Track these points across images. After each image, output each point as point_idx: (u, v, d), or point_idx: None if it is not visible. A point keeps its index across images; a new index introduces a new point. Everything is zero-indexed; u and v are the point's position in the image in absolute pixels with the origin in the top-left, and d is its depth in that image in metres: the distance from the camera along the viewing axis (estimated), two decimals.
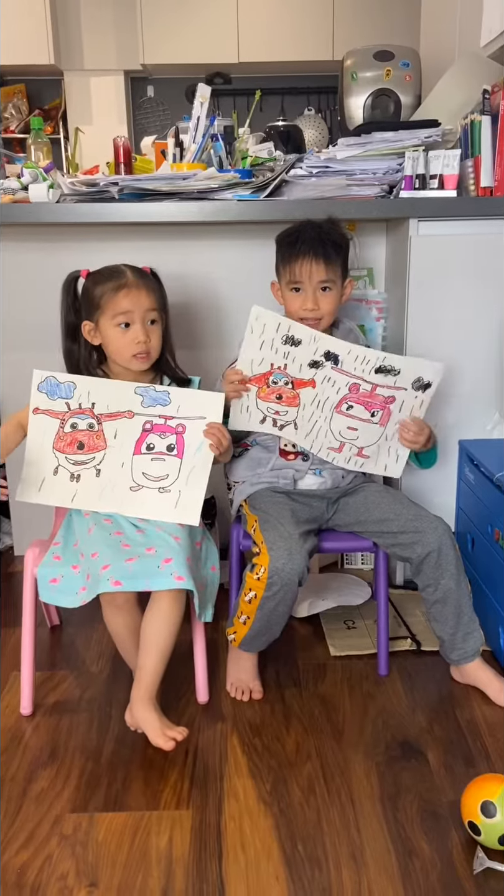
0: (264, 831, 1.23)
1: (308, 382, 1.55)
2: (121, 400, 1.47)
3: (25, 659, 1.54)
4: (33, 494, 1.49)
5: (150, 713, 1.37)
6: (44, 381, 1.46)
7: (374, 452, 1.61)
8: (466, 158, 1.85)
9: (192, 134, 2.01)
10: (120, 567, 1.37)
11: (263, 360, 1.55)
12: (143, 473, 1.49)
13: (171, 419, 1.48)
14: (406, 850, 1.19)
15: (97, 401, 1.47)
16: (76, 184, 1.88)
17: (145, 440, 1.48)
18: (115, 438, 1.48)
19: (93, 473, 1.49)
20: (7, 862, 1.18)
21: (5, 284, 2.11)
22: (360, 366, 1.53)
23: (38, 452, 1.48)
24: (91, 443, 1.48)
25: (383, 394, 1.55)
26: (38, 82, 4.77)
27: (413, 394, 1.56)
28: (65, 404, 1.47)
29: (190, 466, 1.49)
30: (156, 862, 1.17)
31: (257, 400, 1.58)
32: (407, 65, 2.29)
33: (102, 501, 1.49)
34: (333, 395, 1.56)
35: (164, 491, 1.49)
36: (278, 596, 1.46)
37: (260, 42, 4.49)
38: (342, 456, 1.61)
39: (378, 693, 1.60)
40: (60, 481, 1.49)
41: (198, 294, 2.09)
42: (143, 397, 1.47)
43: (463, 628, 1.57)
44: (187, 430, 1.48)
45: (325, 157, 1.85)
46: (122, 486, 1.49)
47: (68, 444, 1.48)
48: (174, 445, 1.49)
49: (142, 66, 4.58)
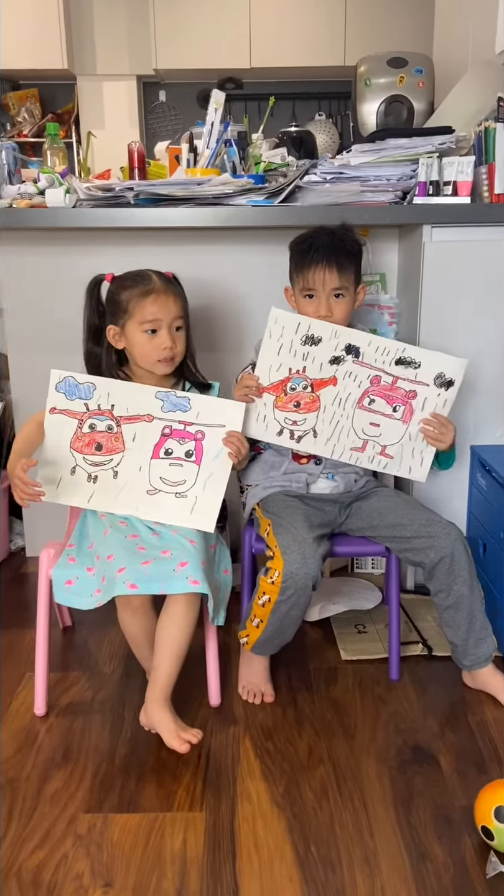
0: (278, 833, 1.24)
1: (329, 381, 1.56)
2: (141, 403, 1.48)
3: (39, 660, 1.55)
4: (51, 494, 1.50)
5: (165, 714, 1.38)
6: (62, 381, 1.47)
7: (397, 452, 1.61)
8: (480, 165, 1.85)
9: (205, 139, 2.03)
10: (136, 570, 1.38)
11: (282, 365, 1.56)
12: (161, 478, 1.50)
13: (190, 425, 1.49)
14: (419, 854, 1.19)
15: (117, 403, 1.48)
16: (92, 189, 1.90)
17: (164, 445, 1.49)
18: (133, 441, 1.49)
19: (110, 475, 1.50)
20: (23, 861, 1.19)
21: (22, 288, 2.13)
22: (380, 357, 1.54)
23: (56, 451, 1.49)
24: (109, 444, 1.49)
25: (404, 387, 1.56)
26: (52, 87, 4.80)
27: (436, 391, 1.57)
28: (83, 405, 1.48)
29: (207, 473, 1.50)
30: (170, 863, 1.18)
31: (274, 410, 1.58)
32: (420, 71, 2.30)
33: (119, 504, 1.50)
34: (355, 389, 1.56)
35: (181, 496, 1.50)
36: (292, 600, 1.46)
37: (272, 48, 4.51)
38: (365, 455, 1.62)
39: (389, 698, 1.60)
40: (78, 481, 1.50)
41: (212, 298, 2.10)
42: (164, 402, 1.48)
43: (475, 634, 1.57)
44: (206, 437, 1.49)
45: (339, 164, 1.86)
46: (140, 489, 1.50)
47: (86, 444, 1.49)
48: (192, 452, 1.50)
49: (154, 70, 4.60)
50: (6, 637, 1.86)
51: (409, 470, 1.63)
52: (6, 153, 2.09)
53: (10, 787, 1.35)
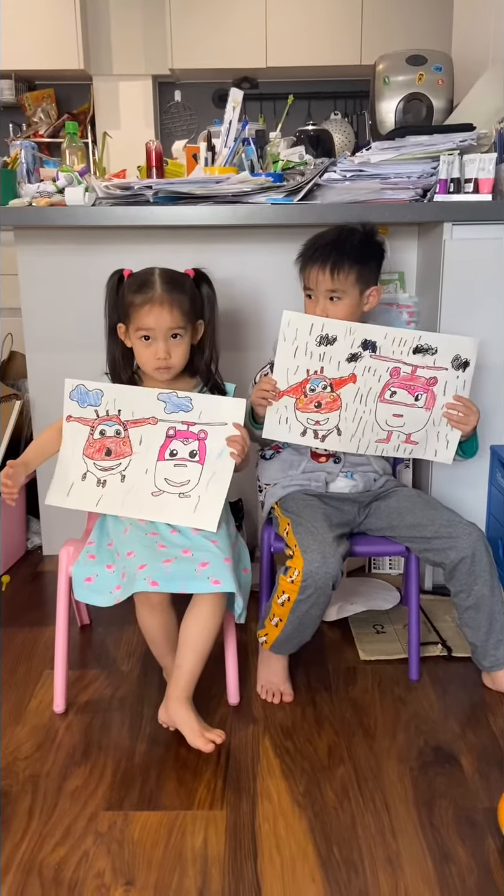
0: (299, 833, 1.23)
1: (348, 379, 1.55)
2: (144, 406, 1.50)
3: (59, 657, 1.55)
4: (62, 499, 1.52)
5: (187, 713, 1.38)
6: (74, 389, 1.51)
7: (422, 438, 1.60)
8: (502, 162, 1.84)
9: (223, 138, 2.03)
10: (157, 567, 1.37)
11: (299, 367, 1.55)
12: (166, 479, 1.51)
13: (193, 425, 1.50)
14: (442, 856, 1.18)
15: (123, 407, 1.51)
16: (111, 187, 1.90)
17: (169, 446, 1.51)
18: (140, 445, 1.51)
19: (118, 479, 1.51)
20: (44, 858, 1.19)
21: (40, 287, 2.13)
22: (398, 348, 1.53)
23: (70, 458, 1.52)
24: (118, 449, 1.51)
25: (425, 375, 1.55)
26: (68, 87, 4.80)
27: (454, 374, 1.56)
28: (94, 412, 1.51)
29: (211, 472, 1.50)
30: (191, 861, 1.18)
31: (296, 412, 1.57)
32: (440, 69, 2.28)
33: (125, 506, 1.51)
34: (375, 383, 1.55)
35: (185, 496, 1.50)
36: (312, 599, 1.46)
37: (288, 47, 4.49)
38: (391, 445, 1.61)
39: (409, 698, 1.59)
40: (88, 486, 1.52)
41: (231, 297, 2.10)
42: (166, 404, 1.50)
43: (496, 635, 1.56)
44: (209, 437, 1.50)
45: (359, 161, 1.86)
46: (145, 491, 1.51)
47: (97, 450, 1.52)
48: (196, 451, 1.50)
49: (170, 70, 4.60)
50: (24, 635, 1.86)
51: (435, 453, 1.62)
52: (25, 152, 2.10)
53: (31, 783, 1.35)
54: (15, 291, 2.16)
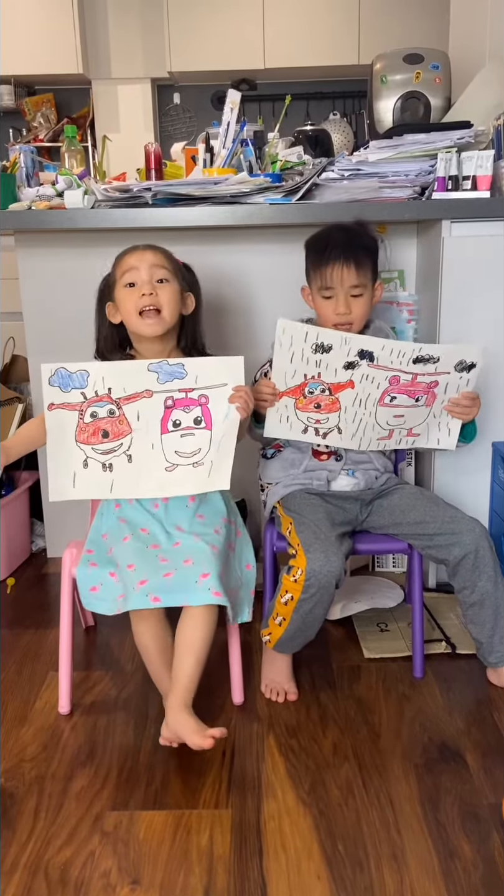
0: (304, 831, 1.23)
1: (346, 384, 1.54)
2: (136, 380, 1.43)
3: (63, 658, 1.55)
4: (68, 491, 1.46)
5: (186, 718, 1.33)
6: (54, 374, 1.42)
7: (423, 430, 1.61)
8: (500, 159, 1.84)
9: (222, 139, 2.03)
10: (157, 582, 1.36)
11: (296, 372, 1.54)
12: (176, 451, 1.46)
13: (191, 391, 1.44)
14: (447, 852, 1.18)
15: (113, 385, 1.43)
16: (110, 190, 1.91)
17: (170, 417, 1.45)
18: (138, 420, 1.45)
19: (124, 460, 1.46)
20: (50, 858, 1.19)
21: (41, 290, 2.14)
22: (396, 359, 1.51)
23: (60, 448, 1.45)
24: (115, 429, 1.45)
25: (425, 381, 1.54)
26: (67, 91, 4.82)
27: (457, 375, 1.54)
28: (80, 394, 1.43)
29: (220, 435, 1.46)
30: (197, 860, 1.18)
31: (296, 411, 1.57)
32: (437, 67, 2.28)
33: (141, 488, 1.47)
34: (374, 390, 1.54)
35: (199, 465, 1.47)
36: (315, 598, 1.46)
37: (285, 48, 4.50)
38: (393, 441, 1.62)
39: (414, 695, 1.59)
40: (93, 473, 1.46)
41: (231, 297, 2.10)
42: (158, 373, 1.43)
43: (500, 630, 1.56)
44: (211, 400, 1.44)
45: (356, 160, 1.86)
46: (158, 468, 1.46)
47: (91, 434, 1.44)
48: (201, 418, 1.45)
49: (168, 73, 4.61)
50: (29, 637, 1.86)
51: (438, 441, 1.63)
52: (25, 156, 2.10)
53: (36, 784, 1.36)
54: (16, 295, 2.17)
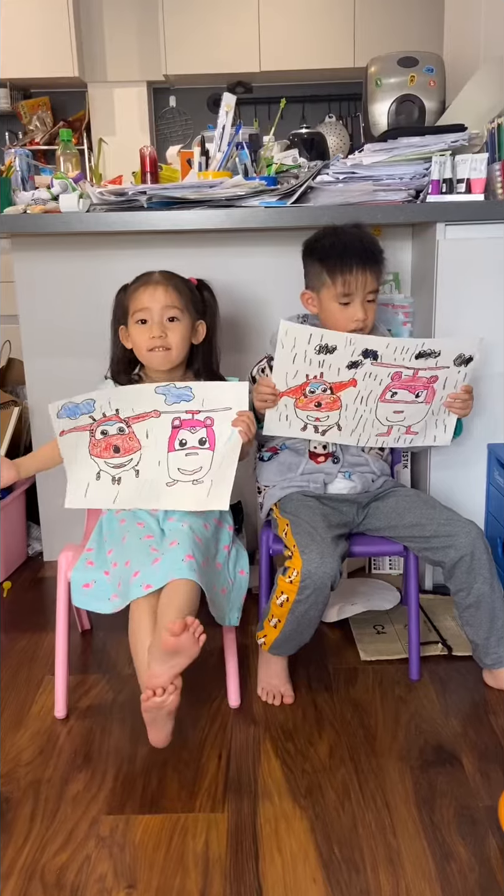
0: (300, 834, 1.23)
1: (349, 383, 1.54)
2: (144, 401, 1.48)
3: (59, 662, 1.55)
4: (80, 500, 1.52)
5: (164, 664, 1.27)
6: (60, 409, 1.46)
7: (421, 428, 1.63)
8: (494, 162, 1.85)
9: (217, 142, 2.03)
10: (148, 571, 1.38)
11: (298, 372, 1.53)
12: (179, 469, 1.50)
13: (197, 413, 1.49)
14: (443, 855, 1.18)
15: (120, 407, 1.48)
16: (105, 193, 1.91)
17: (177, 437, 1.50)
18: (147, 438, 1.50)
19: (132, 475, 1.51)
20: (46, 863, 1.19)
21: (37, 293, 2.14)
22: (399, 355, 1.51)
23: (75, 462, 1.51)
24: (125, 445, 1.50)
25: (426, 375, 1.55)
26: (63, 95, 4.82)
27: (456, 370, 1.56)
28: (89, 418, 1.48)
29: (221, 457, 1.50)
30: (193, 864, 1.18)
31: (296, 410, 1.57)
32: (431, 70, 2.29)
33: (141, 500, 1.51)
34: (376, 387, 1.55)
35: (198, 483, 1.50)
36: (310, 599, 1.46)
37: (281, 51, 4.51)
38: (391, 438, 1.63)
39: (410, 698, 1.59)
40: (103, 485, 1.52)
41: (227, 300, 2.09)
42: (166, 396, 1.48)
43: (497, 632, 1.56)
44: (216, 423, 1.49)
45: (351, 163, 1.86)
46: (160, 482, 1.51)
47: (104, 448, 1.50)
48: (206, 439, 1.50)
49: (164, 76, 4.62)
50: (26, 641, 1.86)
51: (434, 438, 1.65)
52: (20, 160, 2.10)
53: (32, 789, 1.35)
54: (12, 298, 2.18)
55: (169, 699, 1.26)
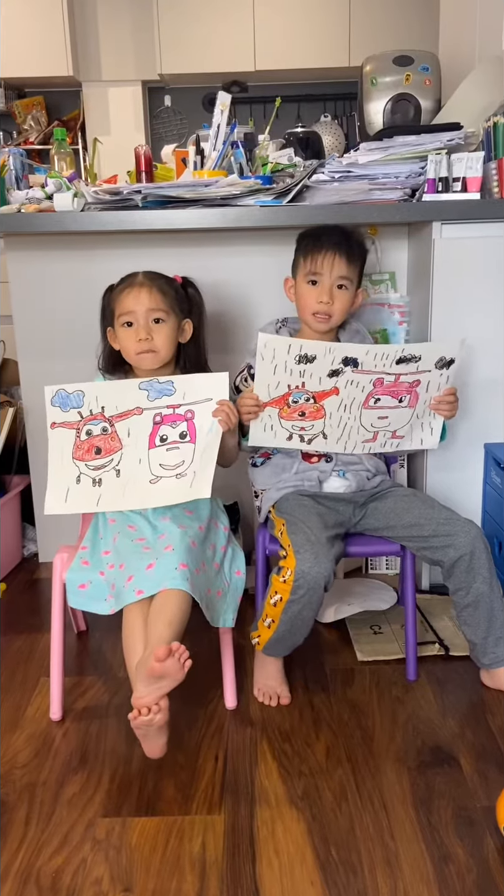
0: (297, 836, 1.23)
1: (331, 392, 1.54)
2: (127, 398, 1.50)
3: (55, 664, 1.54)
4: (60, 506, 1.51)
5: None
6: (55, 394, 1.50)
7: (407, 432, 1.63)
8: (489, 161, 1.84)
9: (212, 141, 2.03)
10: (142, 576, 1.37)
11: (280, 383, 1.54)
12: (161, 465, 1.51)
13: (178, 407, 1.50)
14: (441, 856, 1.17)
15: (106, 404, 1.50)
16: (100, 192, 1.90)
17: (158, 433, 1.50)
18: (128, 437, 1.51)
19: (113, 475, 1.51)
20: (42, 866, 1.18)
21: (31, 293, 2.13)
22: (380, 361, 1.52)
23: (60, 465, 1.51)
24: (107, 445, 1.51)
25: (408, 380, 1.55)
26: (57, 94, 4.80)
27: (437, 373, 1.56)
28: (77, 413, 1.50)
29: (203, 447, 1.50)
30: (189, 867, 1.17)
31: (280, 420, 1.57)
32: (427, 69, 2.28)
33: (126, 499, 1.51)
34: (359, 394, 1.55)
35: (182, 476, 1.50)
36: (304, 599, 1.45)
37: (276, 50, 4.50)
38: (377, 443, 1.63)
39: (407, 698, 1.59)
40: (83, 489, 1.51)
41: (221, 299, 2.10)
42: (149, 391, 1.50)
43: (495, 632, 1.55)
44: (196, 415, 1.50)
45: (347, 162, 1.85)
46: (143, 480, 1.51)
47: (86, 451, 1.51)
48: (186, 432, 1.50)
49: (159, 76, 4.60)
50: (21, 642, 1.85)
51: (421, 441, 1.65)
52: (14, 159, 2.09)
53: (28, 792, 1.34)
54: (6, 298, 2.16)
55: (156, 718, 1.25)
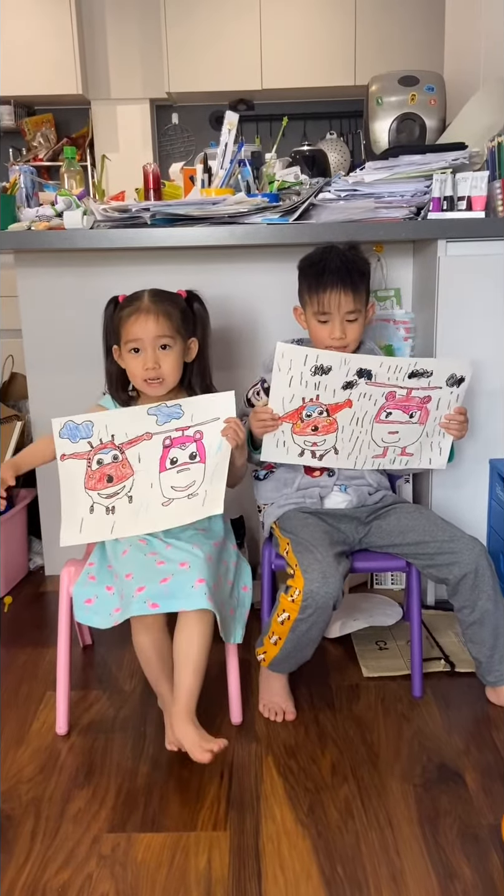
0: (303, 853, 1.22)
1: (344, 404, 1.56)
2: (137, 425, 1.51)
3: (61, 678, 1.55)
4: (76, 536, 1.52)
5: (189, 727, 1.35)
6: (63, 427, 1.50)
7: (416, 450, 1.64)
8: (494, 180, 1.86)
9: (220, 160, 2.05)
10: (155, 589, 1.37)
11: (294, 396, 1.55)
12: (172, 487, 1.51)
13: (187, 429, 1.51)
14: (447, 873, 1.17)
15: (115, 432, 1.51)
16: (109, 210, 1.92)
17: (168, 456, 1.51)
18: (139, 463, 1.52)
19: (126, 501, 1.52)
20: (47, 882, 1.18)
21: (40, 309, 2.15)
22: (393, 374, 1.54)
23: (73, 496, 1.52)
24: (118, 473, 1.52)
25: (419, 395, 1.57)
26: (66, 111, 4.87)
27: (448, 390, 1.58)
28: (87, 444, 1.51)
29: (213, 466, 1.51)
30: (195, 883, 1.17)
31: (293, 436, 1.59)
32: (432, 89, 2.32)
33: (139, 525, 1.51)
34: (371, 407, 1.57)
35: (193, 496, 1.51)
36: (312, 619, 1.45)
37: (283, 69, 4.56)
38: (387, 459, 1.64)
39: (413, 715, 1.59)
40: (97, 517, 1.52)
41: (228, 315, 2.12)
42: (157, 416, 1.51)
43: (500, 650, 1.55)
44: (205, 435, 1.51)
45: (353, 181, 1.88)
46: (155, 504, 1.51)
47: (98, 480, 1.52)
48: (196, 453, 1.51)
49: (167, 94, 4.67)
50: (27, 656, 1.86)
51: (430, 461, 1.66)
52: (24, 177, 2.12)
53: (33, 807, 1.35)
54: (15, 313, 2.19)
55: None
